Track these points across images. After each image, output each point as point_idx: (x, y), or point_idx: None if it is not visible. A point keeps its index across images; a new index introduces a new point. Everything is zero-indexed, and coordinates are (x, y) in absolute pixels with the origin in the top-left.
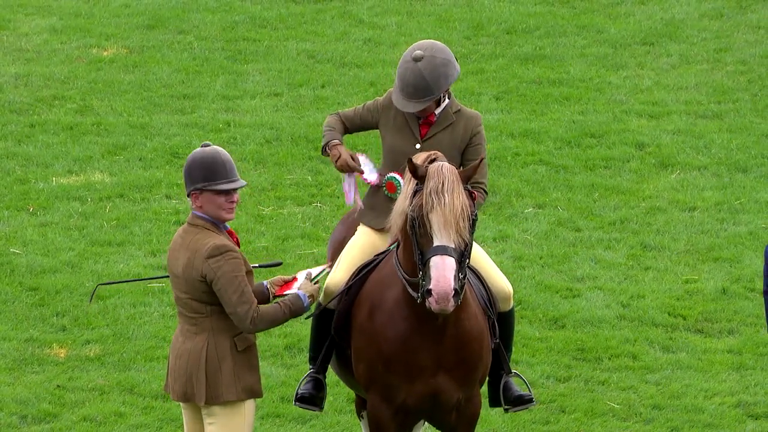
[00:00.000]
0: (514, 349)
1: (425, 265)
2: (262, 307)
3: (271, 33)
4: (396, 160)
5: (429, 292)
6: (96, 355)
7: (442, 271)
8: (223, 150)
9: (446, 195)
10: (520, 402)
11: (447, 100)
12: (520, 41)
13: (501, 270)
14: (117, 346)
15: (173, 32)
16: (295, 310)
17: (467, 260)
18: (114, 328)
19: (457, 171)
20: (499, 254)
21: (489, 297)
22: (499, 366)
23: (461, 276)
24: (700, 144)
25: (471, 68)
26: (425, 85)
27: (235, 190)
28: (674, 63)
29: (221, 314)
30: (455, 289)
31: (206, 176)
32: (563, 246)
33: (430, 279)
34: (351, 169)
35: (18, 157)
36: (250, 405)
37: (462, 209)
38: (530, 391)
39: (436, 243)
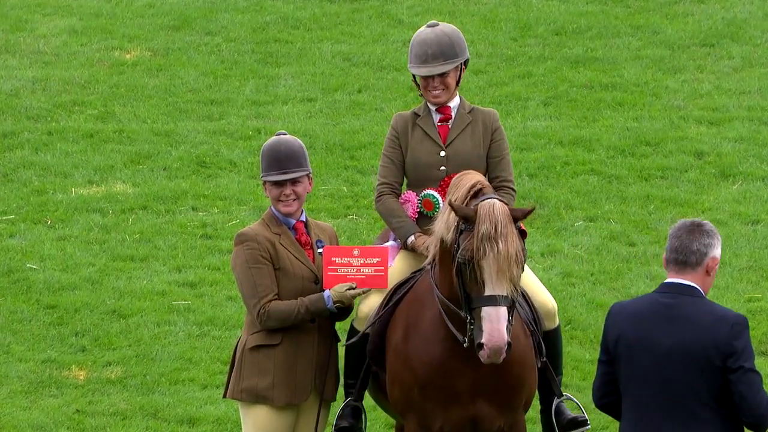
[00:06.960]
0: (564, 371)
1: (473, 310)
2: (277, 303)
3: (305, 34)
4: (423, 173)
5: (481, 345)
6: (117, 377)
7: (497, 325)
8: (291, 139)
9: (500, 242)
10: (574, 425)
11: (459, 100)
12: (570, 43)
13: (549, 287)
14: (140, 367)
15: (200, 33)
16: (313, 310)
17: (516, 305)
18: (137, 348)
19: (508, 210)
20: (548, 270)
21: (534, 315)
22: (550, 390)
23: (511, 322)
24: (763, 152)
25: (518, 71)
26: (449, 42)
27: (286, 182)
28: (736, 66)
29: None
30: (508, 342)
31: (264, 166)
32: (616, 261)
33: (482, 332)
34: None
35: (35, 166)
36: (259, 411)
37: (516, 255)
38: (584, 413)
39: (488, 292)
